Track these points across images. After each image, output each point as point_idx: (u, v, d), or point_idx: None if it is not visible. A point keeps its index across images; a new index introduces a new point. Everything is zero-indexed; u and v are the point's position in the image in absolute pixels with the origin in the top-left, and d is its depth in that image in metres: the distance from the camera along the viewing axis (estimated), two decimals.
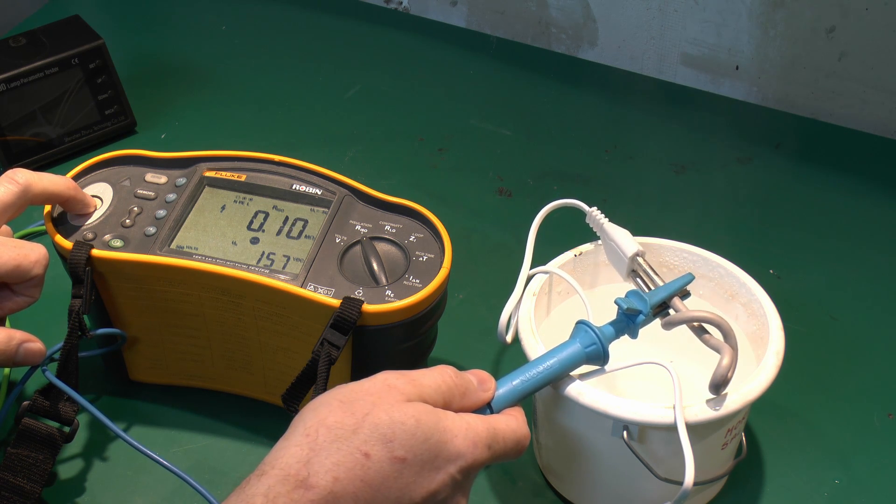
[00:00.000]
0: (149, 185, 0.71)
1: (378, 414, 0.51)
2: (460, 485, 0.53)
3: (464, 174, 0.95)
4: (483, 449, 0.53)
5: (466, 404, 0.55)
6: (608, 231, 0.67)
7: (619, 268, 0.66)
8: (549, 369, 0.59)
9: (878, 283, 0.84)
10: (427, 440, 0.51)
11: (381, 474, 0.50)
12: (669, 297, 0.61)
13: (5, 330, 0.64)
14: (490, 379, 0.57)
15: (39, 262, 0.64)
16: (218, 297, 0.67)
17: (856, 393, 0.75)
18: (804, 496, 0.69)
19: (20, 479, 0.64)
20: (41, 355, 0.65)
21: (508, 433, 0.55)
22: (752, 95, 1.04)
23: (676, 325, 0.61)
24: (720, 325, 0.59)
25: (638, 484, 0.63)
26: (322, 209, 0.69)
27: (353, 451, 0.50)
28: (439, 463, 0.51)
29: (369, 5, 1.18)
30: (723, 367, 0.57)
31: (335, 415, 0.51)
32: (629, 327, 0.61)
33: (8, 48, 0.92)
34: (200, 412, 0.74)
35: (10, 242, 0.64)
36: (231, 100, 1.04)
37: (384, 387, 0.53)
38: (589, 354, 0.59)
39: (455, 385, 0.55)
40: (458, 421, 0.53)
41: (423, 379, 0.54)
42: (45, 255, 0.65)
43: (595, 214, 0.68)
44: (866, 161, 0.96)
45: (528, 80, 1.07)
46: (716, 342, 0.59)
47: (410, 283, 0.64)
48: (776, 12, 0.97)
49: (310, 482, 0.49)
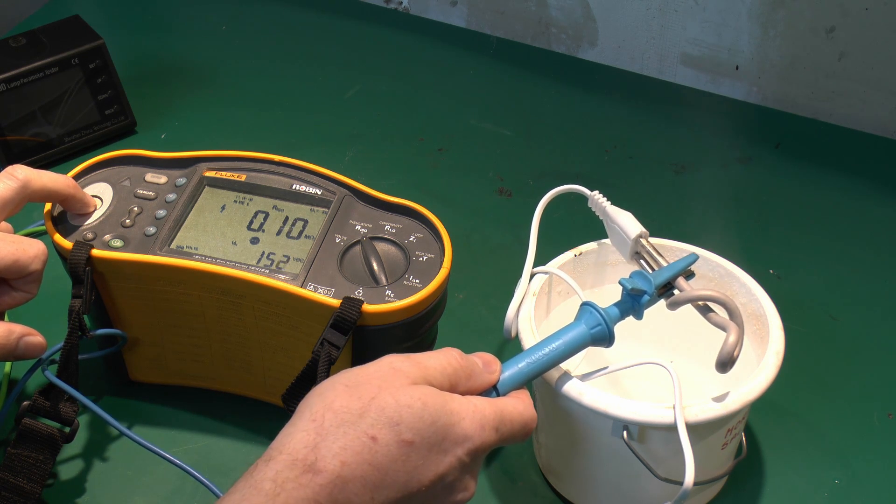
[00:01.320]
0: (149, 185, 0.71)
1: (384, 397, 0.51)
2: (468, 467, 0.53)
3: (464, 174, 0.95)
4: (490, 431, 0.53)
5: (472, 386, 0.55)
6: (611, 214, 0.67)
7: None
8: (554, 351, 0.58)
9: (878, 283, 0.84)
10: (434, 423, 0.51)
11: (388, 458, 0.50)
12: (674, 278, 0.61)
13: (5, 324, 0.64)
14: (495, 361, 0.57)
15: (38, 257, 0.64)
16: (218, 297, 0.67)
17: (856, 393, 0.75)
18: (804, 496, 0.69)
19: (20, 480, 0.64)
20: (42, 349, 0.65)
21: (515, 415, 0.55)
22: (752, 95, 1.04)
23: (682, 304, 0.60)
24: (725, 303, 0.59)
25: (638, 484, 0.63)
26: (322, 209, 0.69)
27: (361, 434, 0.49)
28: (447, 445, 0.51)
29: (369, 5, 1.18)
30: (729, 345, 0.57)
31: (341, 399, 0.51)
32: (634, 308, 0.60)
33: (8, 48, 0.92)
34: (200, 412, 0.74)
35: (8, 238, 0.64)
36: (231, 100, 1.04)
37: (389, 370, 0.52)
38: (594, 336, 0.59)
39: (461, 367, 0.55)
40: (464, 403, 0.53)
41: (428, 361, 0.54)
42: (44, 251, 0.65)
43: (597, 198, 0.68)
44: (866, 161, 0.96)
45: (528, 80, 1.07)
46: (721, 320, 0.59)
47: (410, 283, 0.64)
48: (776, 12, 0.97)
49: (318, 466, 0.49)
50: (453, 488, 0.52)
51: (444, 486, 0.52)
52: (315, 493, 0.48)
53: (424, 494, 0.51)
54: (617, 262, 0.70)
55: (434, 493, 0.51)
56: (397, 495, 0.50)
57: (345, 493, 0.49)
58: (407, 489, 0.50)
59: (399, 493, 0.50)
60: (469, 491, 0.53)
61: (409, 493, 0.50)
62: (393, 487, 0.50)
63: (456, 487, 0.52)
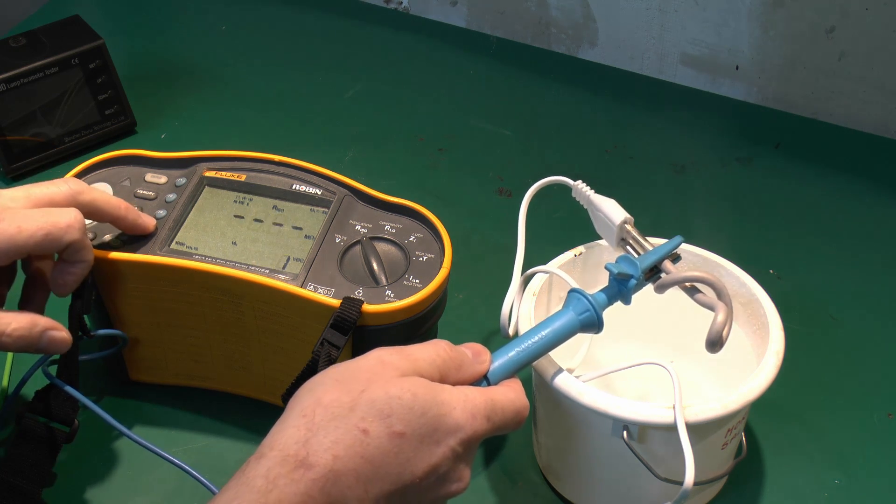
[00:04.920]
0: (149, 185, 0.71)
1: (374, 390, 0.51)
2: (461, 457, 0.53)
3: (464, 174, 0.95)
4: (482, 420, 0.53)
5: (462, 377, 0.55)
6: (595, 202, 0.67)
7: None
8: (543, 339, 0.58)
9: (878, 283, 0.84)
10: (425, 413, 0.51)
11: (380, 450, 0.49)
12: (660, 261, 0.61)
13: (29, 315, 0.60)
14: (485, 351, 0.57)
15: (72, 226, 0.60)
16: (218, 297, 0.67)
17: (856, 393, 0.75)
18: (804, 496, 0.69)
19: (20, 480, 0.64)
20: (66, 345, 0.62)
21: (507, 403, 0.55)
22: (752, 95, 1.04)
23: (669, 286, 0.60)
24: (713, 283, 0.59)
25: (638, 484, 0.63)
26: (322, 209, 0.69)
27: (352, 427, 0.49)
28: (439, 436, 0.51)
29: (369, 5, 1.18)
30: (718, 324, 0.57)
31: (331, 393, 0.51)
32: (621, 293, 0.60)
33: (8, 48, 0.92)
34: (200, 412, 0.74)
35: (37, 212, 0.60)
36: (231, 100, 1.04)
37: (378, 363, 0.52)
38: (583, 322, 0.59)
39: (450, 358, 0.55)
40: (455, 393, 0.53)
41: (417, 353, 0.54)
42: (79, 217, 0.61)
43: (581, 187, 0.68)
44: (866, 161, 0.96)
45: (528, 80, 1.07)
46: (709, 300, 0.59)
47: (410, 283, 0.64)
48: (776, 12, 0.97)
49: (309, 461, 0.48)
50: (447, 479, 0.52)
51: (438, 477, 0.52)
52: (308, 488, 0.48)
53: (418, 486, 0.51)
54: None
55: (428, 485, 0.51)
56: (391, 487, 0.50)
57: (338, 486, 0.49)
58: (400, 481, 0.50)
59: (392, 486, 0.50)
60: (463, 481, 0.53)
61: (403, 485, 0.50)
62: (386, 480, 0.50)
63: (450, 478, 0.52)
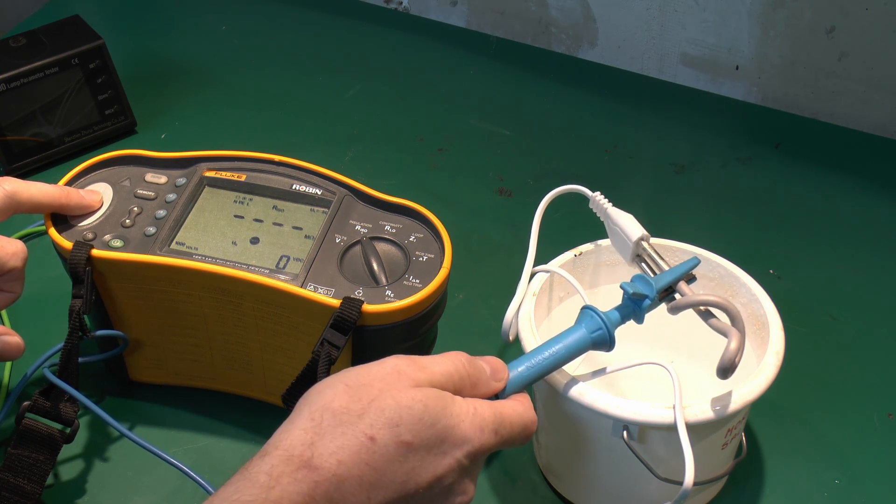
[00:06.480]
0: (149, 185, 0.71)
1: (385, 399, 0.50)
2: (467, 470, 0.52)
3: (464, 174, 0.95)
4: (490, 434, 0.53)
5: (476, 395, 0.55)
6: (612, 216, 0.66)
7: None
8: (555, 355, 0.58)
9: (878, 283, 0.84)
10: (434, 425, 0.50)
11: (386, 458, 0.49)
12: (675, 282, 0.60)
13: None
14: (504, 369, 0.56)
15: (17, 254, 0.64)
16: (218, 297, 0.67)
17: (856, 393, 0.75)
18: (804, 496, 0.69)
19: (20, 480, 0.64)
20: (19, 350, 0.64)
21: (515, 418, 0.54)
22: (752, 95, 1.04)
23: (683, 309, 0.60)
24: (727, 308, 0.58)
25: (638, 484, 0.63)
26: (322, 209, 0.69)
27: (358, 434, 0.49)
28: (446, 448, 0.51)
29: (369, 5, 1.18)
30: (731, 352, 0.56)
31: (340, 399, 0.51)
32: (635, 312, 0.60)
33: (8, 48, 0.92)
34: (200, 412, 0.74)
35: None
36: (231, 100, 1.04)
37: (393, 373, 0.52)
38: (595, 340, 0.59)
39: (468, 375, 0.54)
40: (464, 406, 0.52)
41: (433, 367, 0.53)
42: (23, 248, 0.65)
43: (598, 199, 0.68)
44: (866, 161, 0.96)
45: (528, 80, 1.07)
46: (723, 326, 0.58)
47: (410, 283, 0.64)
48: (776, 12, 0.97)
49: (314, 464, 0.48)
50: (451, 491, 0.52)
51: (443, 489, 0.52)
52: (311, 489, 0.48)
53: (422, 496, 0.51)
54: (616, 263, 0.70)
55: (432, 496, 0.51)
56: (394, 496, 0.50)
57: (340, 491, 0.48)
58: (404, 490, 0.50)
59: (396, 494, 0.50)
60: (468, 495, 0.53)
61: (407, 494, 0.50)
62: (390, 488, 0.50)
63: (454, 490, 0.52)
